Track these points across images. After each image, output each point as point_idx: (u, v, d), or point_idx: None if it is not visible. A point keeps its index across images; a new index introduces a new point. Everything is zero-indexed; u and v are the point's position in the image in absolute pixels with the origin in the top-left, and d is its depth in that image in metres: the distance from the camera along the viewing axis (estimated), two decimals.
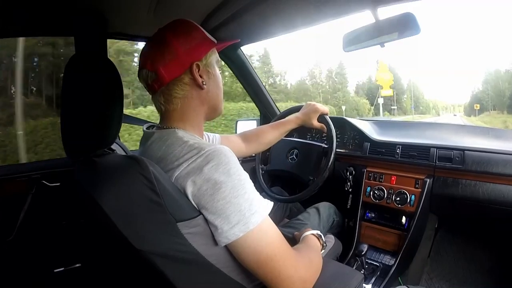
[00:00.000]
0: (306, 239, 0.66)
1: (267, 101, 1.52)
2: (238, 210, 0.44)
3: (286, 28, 1.06)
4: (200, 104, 0.58)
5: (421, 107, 51.79)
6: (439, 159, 1.04)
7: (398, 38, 0.80)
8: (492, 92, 42.31)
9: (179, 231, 0.43)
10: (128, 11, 0.90)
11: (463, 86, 68.58)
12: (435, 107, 57.57)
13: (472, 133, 1.22)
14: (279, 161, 1.29)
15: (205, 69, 0.57)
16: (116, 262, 0.84)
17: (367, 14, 0.80)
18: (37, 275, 0.99)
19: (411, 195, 1.06)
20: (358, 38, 0.85)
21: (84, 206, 0.56)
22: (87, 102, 0.47)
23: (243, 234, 0.44)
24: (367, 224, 1.16)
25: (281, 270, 0.46)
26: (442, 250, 1.29)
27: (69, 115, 0.49)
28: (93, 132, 0.47)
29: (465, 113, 48.89)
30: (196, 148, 0.47)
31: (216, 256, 0.47)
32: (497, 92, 41.38)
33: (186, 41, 0.54)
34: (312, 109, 1.03)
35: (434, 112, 54.82)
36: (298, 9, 0.88)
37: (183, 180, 0.45)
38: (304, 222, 0.98)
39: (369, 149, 1.21)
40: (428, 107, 54.06)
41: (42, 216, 1.00)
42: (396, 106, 42.93)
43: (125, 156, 0.48)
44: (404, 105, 45.56)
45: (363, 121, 1.39)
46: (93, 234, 0.95)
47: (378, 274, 1.02)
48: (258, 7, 0.87)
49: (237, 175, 0.45)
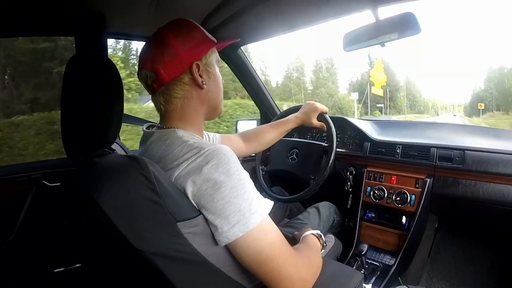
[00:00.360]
0: (306, 239, 0.66)
1: (267, 101, 1.52)
2: (237, 210, 0.44)
3: (286, 28, 1.06)
4: (200, 103, 0.58)
5: (419, 107, 49.19)
6: (439, 159, 1.04)
7: (398, 38, 0.80)
8: (495, 91, 38.95)
9: (179, 231, 0.43)
10: (128, 11, 0.90)
11: (463, 85, 67.06)
12: (434, 106, 55.48)
13: (472, 132, 1.22)
14: (279, 161, 1.29)
15: (205, 69, 0.56)
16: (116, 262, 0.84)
17: (367, 14, 0.80)
18: (37, 275, 0.99)
19: (411, 195, 1.06)
20: (359, 38, 0.85)
21: (84, 206, 0.56)
22: (87, 102, 0.47)
23: (243, 234, 0.44)
24: (367, 224, 1.16)
25: (281, 270, 0.46)
26: (442, 250, 1.29)
27: (69, 115, 0.49)
28: (93, 132, 0.47)
29: (466, 113, 46.86)
30: (196, 148, 0.47)
31: (216, 256, 0.47)
32: (501, 91, 38.15)
33: (186, 40, 0.54)
34: (312, 108, 1.03)
35: (433, 111, 52.98)
36: (298, 8, 0.88)
37: (183, 179, 0.45)
38: (304, 222, 0.98)
39: (369, 149, 1.20)
40: (426, 106, 52.11)
41: (42, 216, 1.00)
42: (388, 104, 39.79)
43: (125, 156, 0.48)
44: (398, 104, 42.79)
45: (363, 121, 1.39)
46: (93, 234, 0.95)
47: (378, 274, 1.02)
48: (258, 6, 0.87)
49: (237, 175, 0.45)
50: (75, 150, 0.49)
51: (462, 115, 46.63)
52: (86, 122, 0.46)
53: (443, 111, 56.26)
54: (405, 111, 42.49)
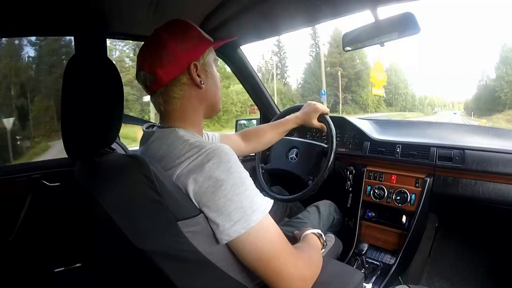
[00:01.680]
0: (307, 238, 0.66)
1: (267, 100, 1.52)
2: (239, 208, 0.44)
3: (286, 28, 1.06)
4: (199, 103, 0.58)
5: (403, 101, 40.03)
6: (439, 158, 1.04)
7: (398, 38, 0.80)
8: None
9: (180, 229, 0.43)
10: (128, 11, 0.90)
11: (463, 80, 61.42)
12: (431, 103, 50.28)
13: (472, 132, 1.22)
14: (279, 161, 1.29)
15: (203, 68, 0.57)
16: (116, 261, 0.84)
17: (367, 14, 0.81)
18: (37, 275, 0.99)
19: (411, 194, 1.06)
20: (358, 38, 0.86)
21: (85, 206, 0.56)
22: (87, 102, 0.47)
23: (245, 231, 0.44)
24: (368, 223, 1.17)
25: (281, 268, 0.46)
26: (442, 249, 1.29)
27: (69, 115, 0.49)
28: (93, 132, 0.47)
29: (467, 112, 40.78)
30: (197, 147, 0.47)
31: (216, 255, 0.47)
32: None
33: (183, 41, 0.54)
34: (312, 109, 1.03)
35: (430, 109, 47.04)
36: (298, 8, 0.88)
37: (184, 178, 0.45)
38: (304, 221, 0.98)
39: (369, 148, 1.21)
40: (412, 101, 43.03)
41: (42, 216, 1.00)
42: (344, 96, 31.47)
43: (126, 155, 0.48)
44: (363, 97, 33.27)
45: (363, 121, 1.39)
46: (93, 234, 0.95)
47: (379, 274, 1.02)
48: (257, 6, 0.87)
49: (238, 173, 0.46)
50: (76, 150, 0.49)
51: (464, 113, 41.32)
52: (86, 122, 0.46)
53: (439, 109, 50.38)
54: (371, 106, 33.13)
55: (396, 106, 39.29)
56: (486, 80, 37.02)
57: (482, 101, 35.82)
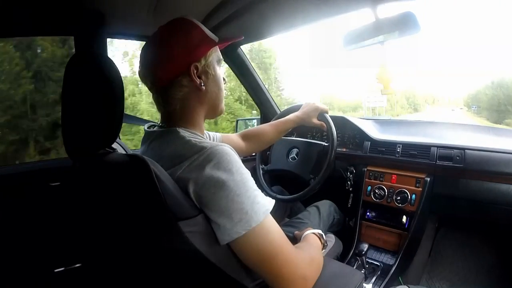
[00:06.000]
0: (307, 238, 0.66)
1: (267, 100, 1.51)
2: (240, 208, 0.44)
3: (286, 27, 1.06)
4: (200, 104, 0.57)
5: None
6: (440, 158, 1.04)
7: (398, 37, 0.80)
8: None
9: (180, 229, 0.43)
10: (128, 10, 0.90)
11: (462, 80, 59.02)
12: (427, 100, 49.28)
13: (472, 132, 1.22)
14: (279, 161, 1.29)
15: (204, 70, 0.56)
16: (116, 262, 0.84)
17: (367, 14, 0.80)
18: (37, 275, 0.99)
19: (412, 194, 1.06)
20: (358, 37, 0.85)
21: (85, 206, 0.56)
22: (87, 102, 0.46)
23: (246, 231, 0.44)
24: (368, 223, 1.16)
25: (282, 268, 0.46)
26: (442, 250, 1.29)
27: (69, 114, 0.49)
28: (94, 132, 0.47)
29: (469, 110, 36.62)
30: (197, 147, 0.47)
31: (217, 255, 0.47)
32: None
33: (185, 41, 0.53)
34: (312, 108, 1.03)
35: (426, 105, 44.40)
36: (298, 7, 0.88)
37: (185, 178, 0.45)
38: (304, 221, 0.98)
39: (369, 148, 1.20)
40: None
41: (42, 216, 0.99)
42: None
43: (126, 155, 0.47)
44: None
45: (363, 120, 1.39)
46: (94, 234, 0.95)
47: (379, 274, 1.02)
48: (257, 6, 0.87)
49: (239, 173, 0.45)
50: (76, 149, 0.49)
51: (464, 109, 37.09)
52: (87, 121, 0.46)
53: (432, 106, 46.23)
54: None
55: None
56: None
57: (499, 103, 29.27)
